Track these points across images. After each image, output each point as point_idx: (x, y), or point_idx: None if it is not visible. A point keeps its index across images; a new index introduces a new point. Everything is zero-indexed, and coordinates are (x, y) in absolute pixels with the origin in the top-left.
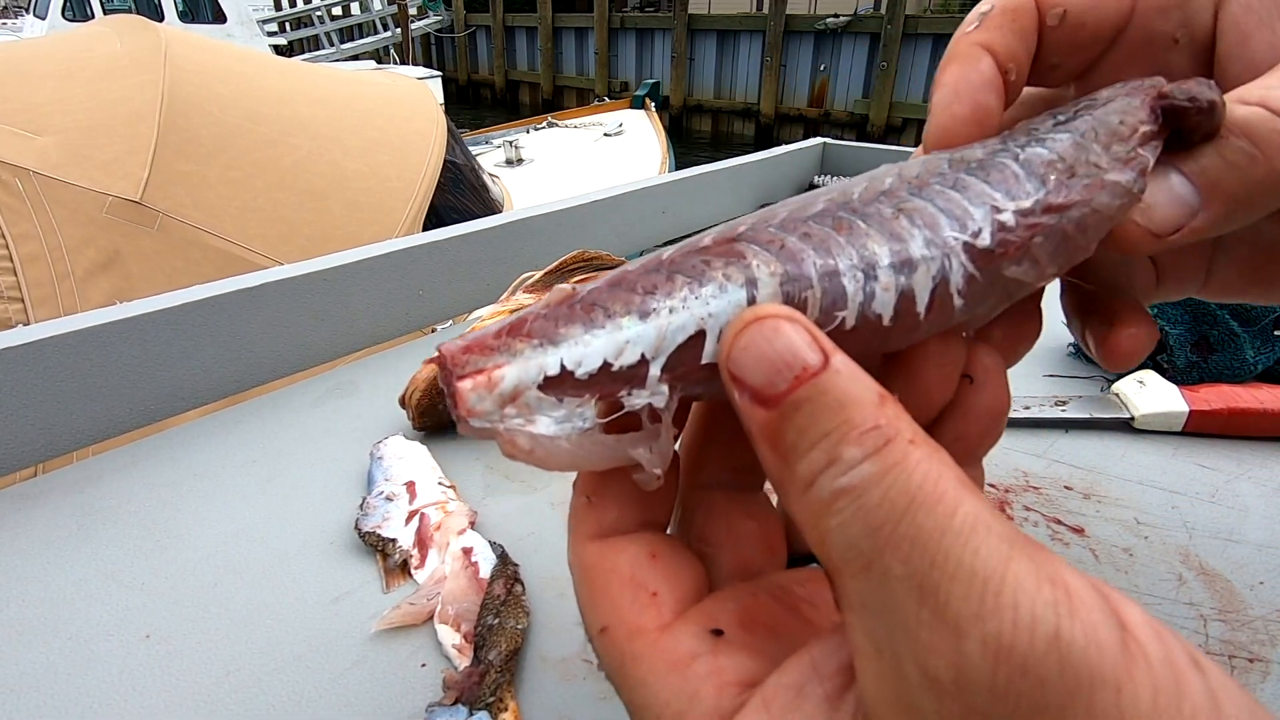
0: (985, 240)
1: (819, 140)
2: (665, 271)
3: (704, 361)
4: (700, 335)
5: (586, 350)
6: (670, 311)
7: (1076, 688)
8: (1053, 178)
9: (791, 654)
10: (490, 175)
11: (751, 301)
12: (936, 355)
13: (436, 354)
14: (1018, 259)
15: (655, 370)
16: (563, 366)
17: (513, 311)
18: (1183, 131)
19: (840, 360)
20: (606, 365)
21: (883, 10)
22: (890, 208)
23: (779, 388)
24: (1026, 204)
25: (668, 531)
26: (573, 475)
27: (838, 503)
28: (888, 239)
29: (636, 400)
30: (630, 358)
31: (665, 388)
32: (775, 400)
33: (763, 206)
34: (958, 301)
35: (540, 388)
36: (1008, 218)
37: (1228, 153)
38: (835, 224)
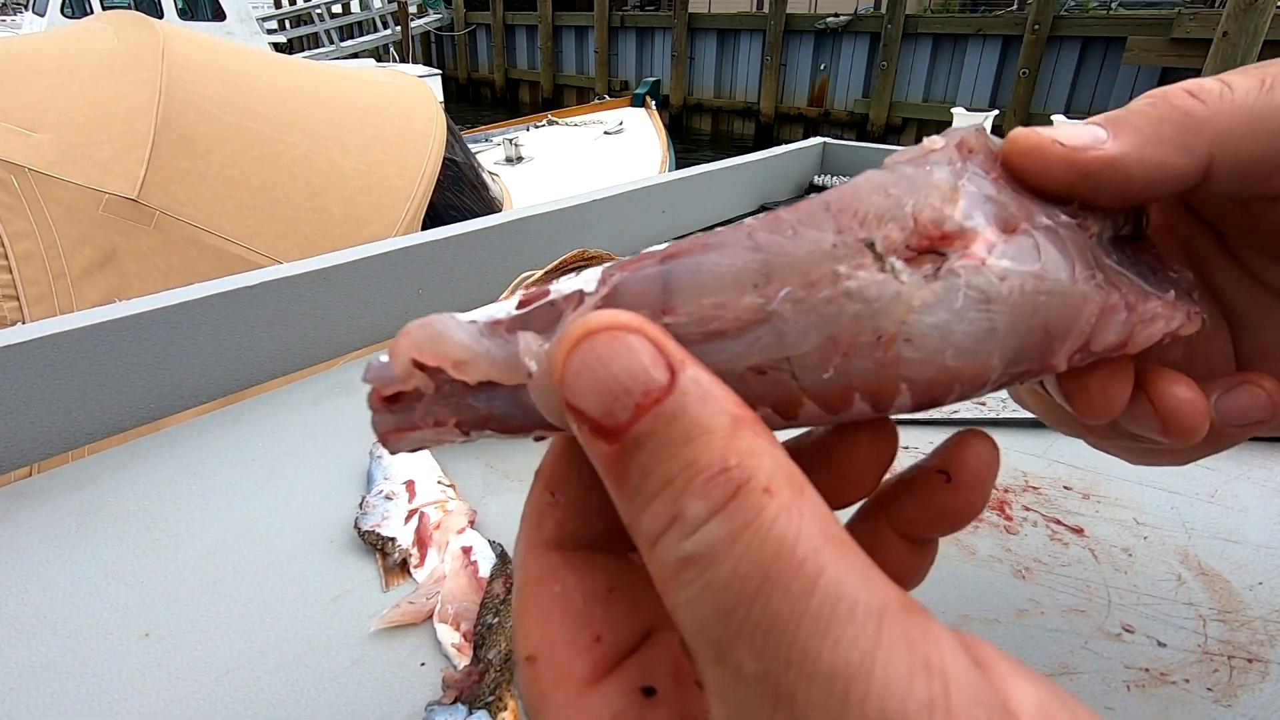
0: None
1: (819, 140)
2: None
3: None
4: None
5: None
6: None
7: None
8: None
9: None
10: (490, 173)
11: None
12: (866, 444)
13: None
14: None
15: (587, 276)
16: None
17: None
18: None
19: (690, 376)
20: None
21: (883, 10)
22: None
23: (620, 418)
24: None
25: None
26: None
27: (684, 574)
28: None
29: (565, 287)
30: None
31: (597, 274)
32: (616, 433)
33: (762, 207)
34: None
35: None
36: None
37: (1132, 106)
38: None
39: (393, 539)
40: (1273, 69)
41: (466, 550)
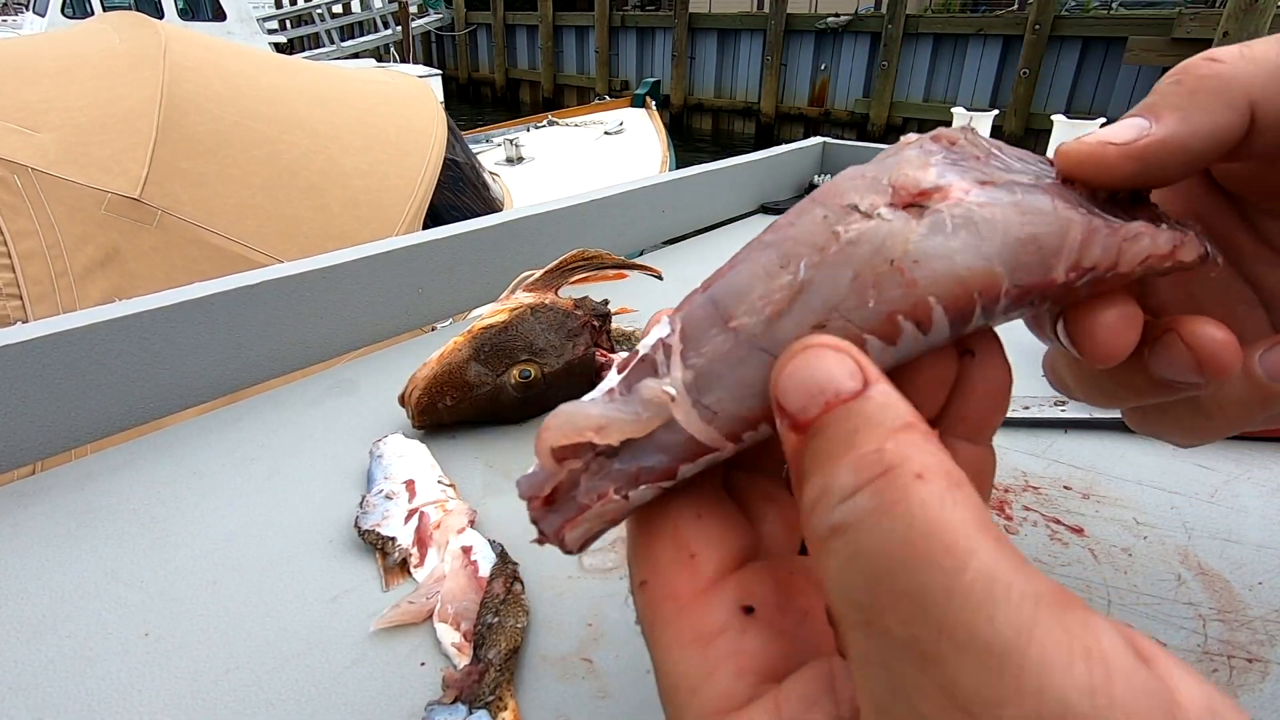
0: None
1: (819, 140)
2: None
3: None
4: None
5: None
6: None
7: None
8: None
9: (818, 646)
10: (490, 174)
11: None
12: (929, 366)
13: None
14: None
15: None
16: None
17: (512, 311)
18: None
19: (880, 389)
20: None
21: (883, 10)
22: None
23: (810, 413)
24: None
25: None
26: None
27: (833, 541)
28: None
29: (647, 343)
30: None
31: (666, 324)
32: (804, 425)
33: (764, 207)
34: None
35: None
36: None
37: (1158, 89)
38: None
39: (393, 538)
40: None
41: (466, 550)
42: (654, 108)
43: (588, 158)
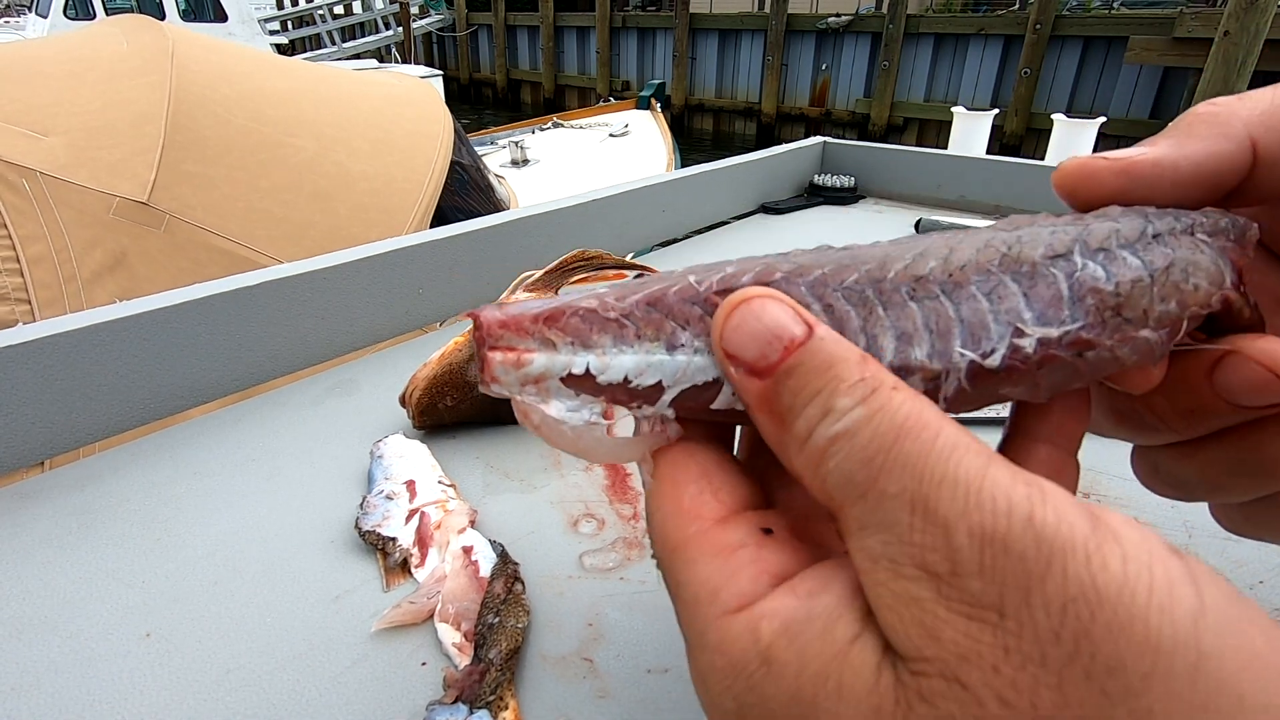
0: (994, 362)
1: (819, 139)
2: (701, 307)
3: (714, 407)
4: (718, 383)
5: (612, 363)
6: (695, 352)
7: (1051, 558)
8: (1094, 312)
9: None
10: (496, 176)
11: None
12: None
13: (473, 318)
14: (1016, 383)
15: (667, 398)
16: (587, 369)
17: None
18: (1218, 318)
19: (823, 329)
20: (625, 381)
21: (884, 10)
22: (915, 301)
23: (771, 359)
24: (1054, 334)
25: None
26: (571, 477)
27: (833, 446)
28: (896, 338)
29: (643, 414)
30: (648, 381)
31: (672, 412)
32: (768, 370)
33: (763, 206)
34: (940, 405)
35: (562, 380)
36: (1028, 344)
37: (1167, 128)
38: (859, 302)
39: (393, 539)
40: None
41: (467, 550)
42: (659, 109)
43: (593, 160)
